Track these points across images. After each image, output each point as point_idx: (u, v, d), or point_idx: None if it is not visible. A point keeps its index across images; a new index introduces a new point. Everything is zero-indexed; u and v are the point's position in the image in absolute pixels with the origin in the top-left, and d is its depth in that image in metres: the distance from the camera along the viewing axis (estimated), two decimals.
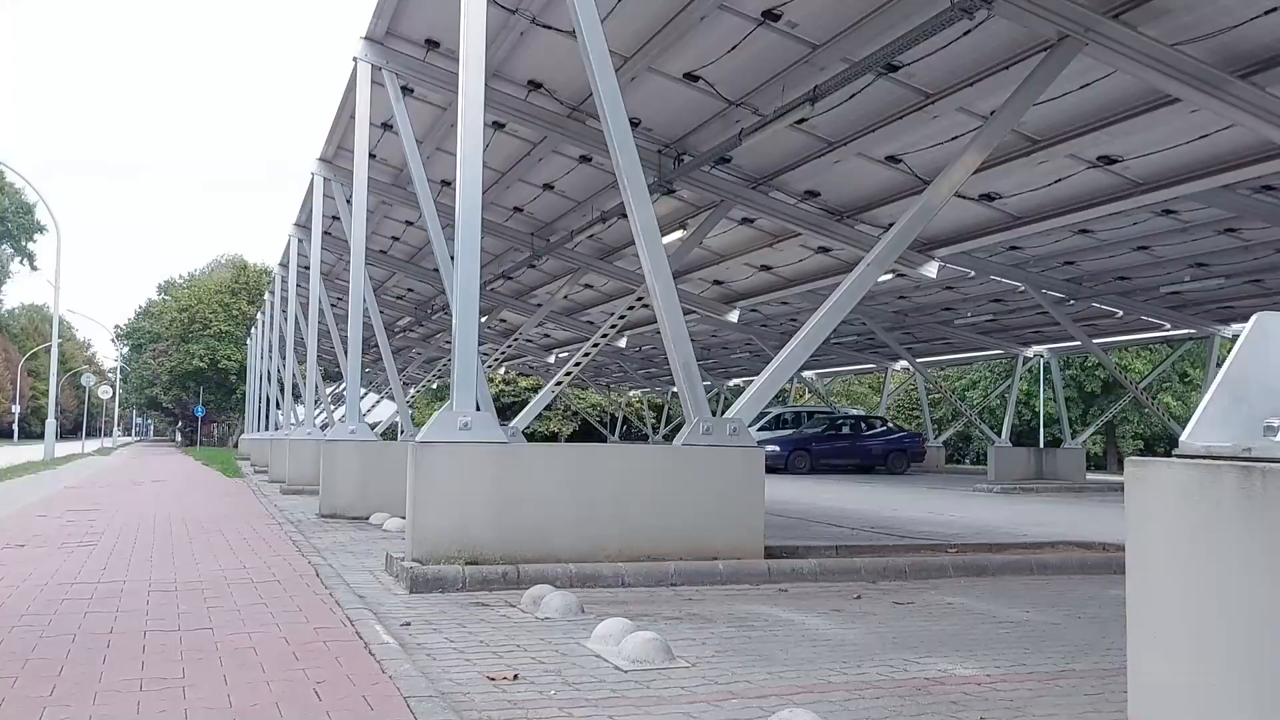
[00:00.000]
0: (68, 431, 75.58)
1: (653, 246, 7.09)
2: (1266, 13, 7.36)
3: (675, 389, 10.15)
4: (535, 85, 10.85)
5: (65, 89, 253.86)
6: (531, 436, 37.87)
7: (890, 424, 31.18)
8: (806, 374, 35.44)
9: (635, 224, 7.10)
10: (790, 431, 28.54)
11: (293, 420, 23.13)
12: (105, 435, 77.56)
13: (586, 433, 55.35)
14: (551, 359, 32.91)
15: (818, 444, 27.57)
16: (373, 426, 14.36)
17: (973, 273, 16.38)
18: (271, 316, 27.89)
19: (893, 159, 11.31)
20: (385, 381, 32.66)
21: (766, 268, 17.34)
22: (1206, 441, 1.86)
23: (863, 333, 25.81)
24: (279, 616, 5.16)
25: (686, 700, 3.69)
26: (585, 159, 12.77)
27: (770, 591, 6.36)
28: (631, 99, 9.57)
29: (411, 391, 33.64)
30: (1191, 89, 7.91)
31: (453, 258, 7.15)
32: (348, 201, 14.05)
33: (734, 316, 19.48)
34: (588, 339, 16.84)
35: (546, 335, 30.37)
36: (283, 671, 3.97)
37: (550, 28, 9.44)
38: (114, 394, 65.41)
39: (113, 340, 74.08)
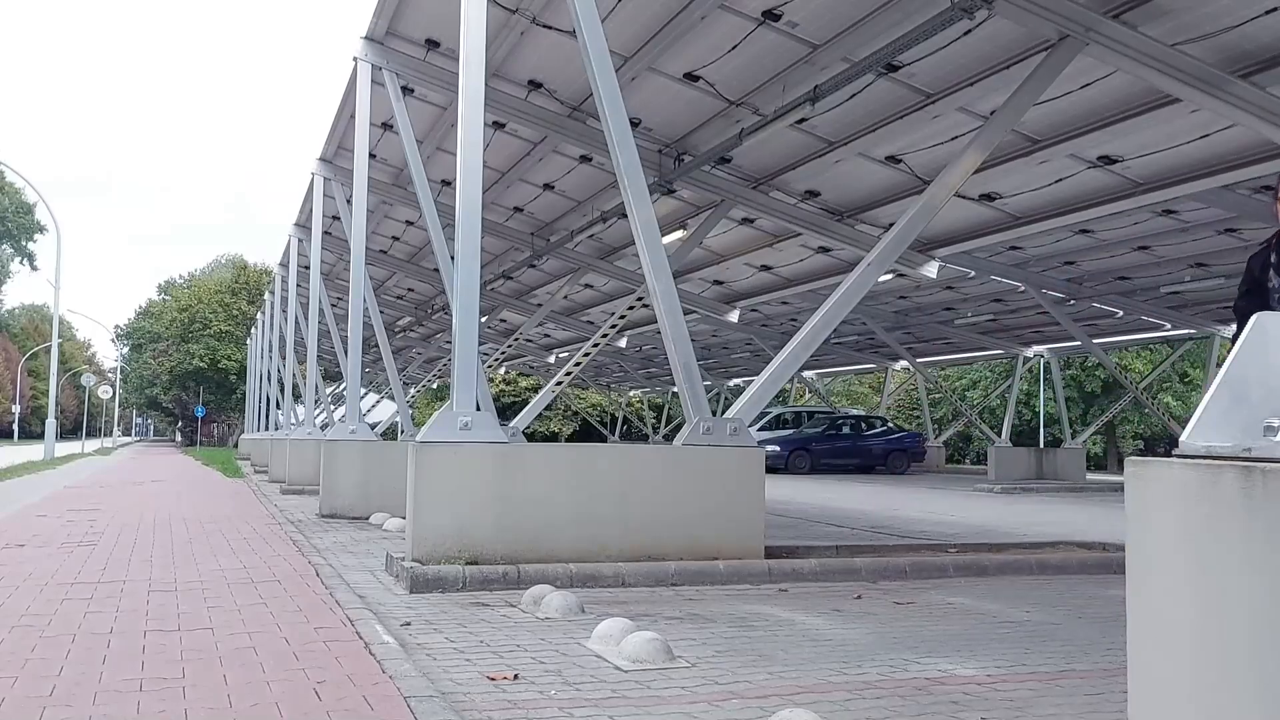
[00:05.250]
0: (68, 431, 75.57)
1: (653, 246, 7.09)
2: (1267, 13, 7.36)
3: (675, 389, 10.14)
4: (535, 85, 10.85)
5: (60, 98, 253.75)
6: (531, 436, 37.85)
7: (890, 424, 31.17)
8: (806, 374, 35.43)
9: (635, 224, 7.10)
10: (790, 431, 28.53)
11: (293, 420, 23.13)
12: (105, 435, 77.53)
13: (586, 433, 55.35)
14: (551, 359, 32.91)
15: (818, 444, 27.56)
16: (373, 426, 14.37)
17: (973, 273, 16.38)
18: (271, 316, 27.89)
19: (893, 159, 11.31)
20: (385, 381, 32.65)
21: (766, 268, 17.34)
22: (1206, 441, 1.85)
23: (863, 333, 25.81)
24: (279, 616, 5.16)
25: (687, 700, 3.69)
26: (585, 159, 12.77)
27: (770, 591, 6.37)
28: (631, 99, 9.56)
29: (412, 391, 33.62)
30: (1192, 89, 7.91)
31: (453, 258, 7.15)
32: (348, 201, 14.05)
33: (734, 316, 19.48)
34: (588, 339, 16.85)
35: (546, 335, 30.37)
36: (283, 671, 3.97)
37: (550, 28, 9.44)
38: (114, 394, 65.40)
39: (113, 340, 74.17)
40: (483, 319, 17.76)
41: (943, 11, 7.66)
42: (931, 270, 13.47)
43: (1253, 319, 1.89)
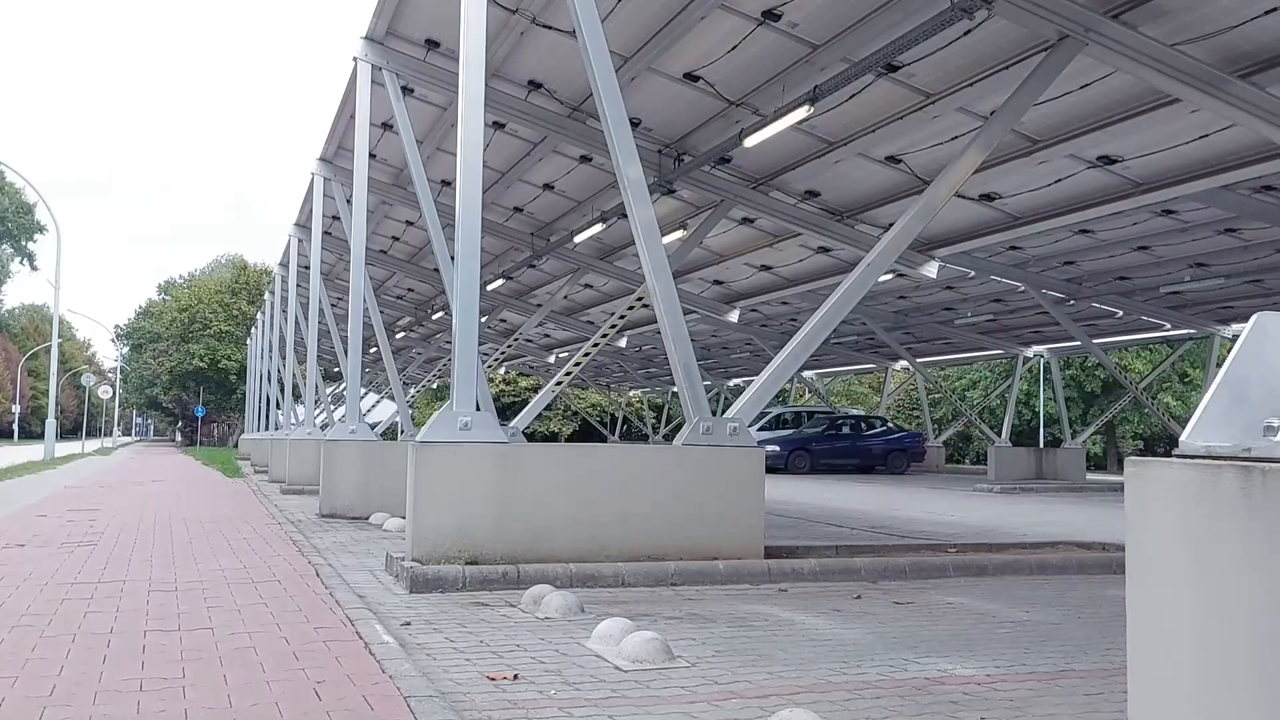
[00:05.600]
0: (68, 431, 75.55)
1: (653, 246, 7.09)
2: (1267, 13, 7.36)
3: (675, 389, 10.14)
4: (535, 85, 10.85)
5: (61, 99, 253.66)
6: (531, 436, 37.85)
7: (890, 424, 31.17)
8: (806, 374, 35.43)
9: (635, 224, 7.10)
10: (790, 431, 28.53)
11: (293, 420, 23.13)
12: (105, 435, 77.49)
13: (586, 433, 55.35)
14: (551, 359, 32.92)
15: (818, 444, 27.56)
16: (373, 426, 14.36)
17: (973, 273, 16.38)
18: (271, 316, 27.89)
19: (893, 159, 11.31)
20: (385, 381, 32.65)
21: (766, 268, 17.35)
22: (1206, 441, 1.85)
23: (863, 333, 25.81)
24: (279, 616, 5.17)
25: (686, 700, 3.69)
26: (585, 159, 12.77)
27: (770, 591, 6.37)
28: (631, 99, 9.57)
29: (411, 391, 33.63)
30: (1191, 89, 7.91)
31: (453, 258, 7.15)
32: (348, 201, 14.06)
33: (734, 316, 19.49)
34: (588, 339, 16.85)
35: (546, 335, 30.37)
36: (283, 671, 3.97)
37: (550, 28, 9.44)
38: (114, 394, 65.37)
39: (113, 340, 74.12)
40: (483, 319, 17.76)
41: (942, 11, 7.66)
42: (931, 270, 13.47)
43: (1253, 319, 1.89)
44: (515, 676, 3.99)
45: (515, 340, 22.07)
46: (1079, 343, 22.21)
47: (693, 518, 6.87)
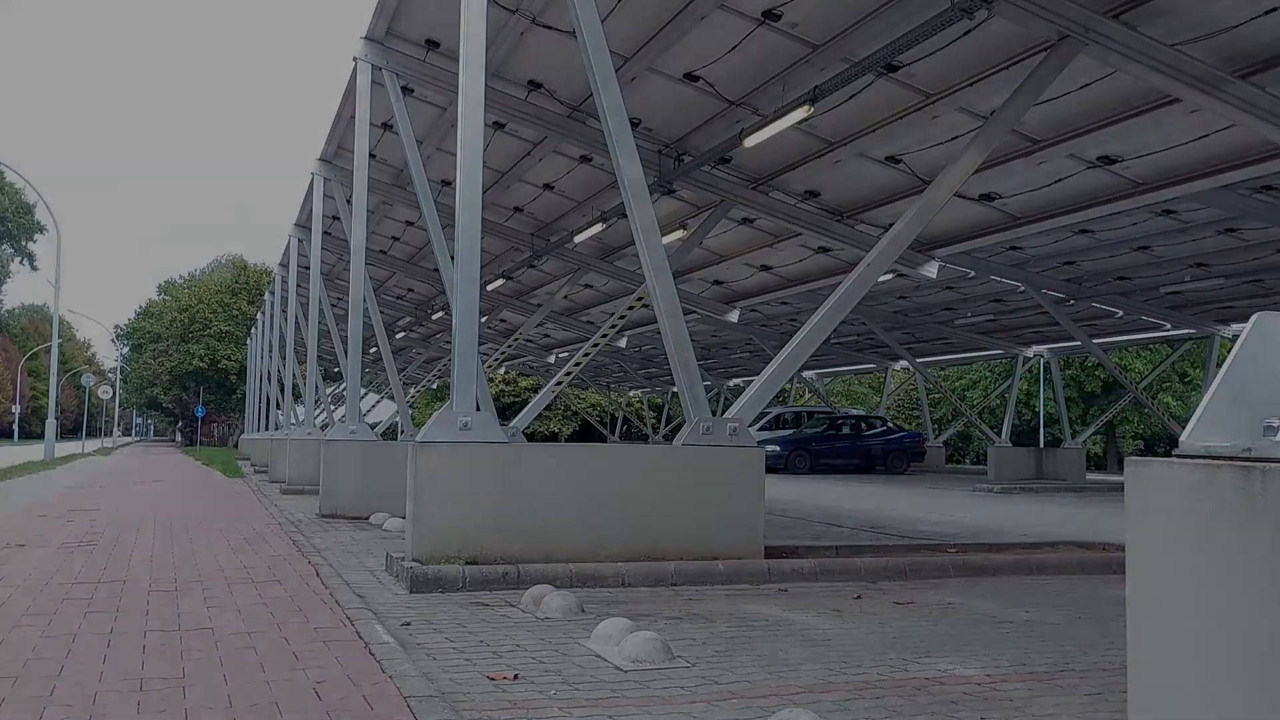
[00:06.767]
0: (68, 431, 75.54)
1: (653, 246, 7.10)
2: (1267, 13, 7.36)
3: (675, 389, 10.14)
4: (535, 85, 10.86)
5: (61, 99, 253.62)
6: (531, 436, 37.85)
7: (890, 424, 31.16)
8: (806, 374, 35.42)
9: (635, 224, 7.11)
10: (790, 431, 28.52)
11: (293, 420, 23.13)
12: (105, 435, 77.49)
13: (586, 433, 55.35)
14: (551, 359, 32.92)
15: (818, 444, 27.55)
16: (373, 426, 14.34)
17: (973, 273, 16.38)
18: (271, 316, 27.89)
19: (893, 159, 11.31)
20: (385, 381, 32.64)
21: (766, 268, 17.35)
22: (1206, 441, 1.86)
23: (863, 333, 25.80)
24: (279, 616, 5.17)
25: (686, 700, 3.69)
26: (585, 159, 12.77)
27: (770, 591, 6.37)
28: (631, 99, 9.56)
29: (411, 391, 33.61)
30: (1191, 89, 7.91)
31: (453, 258, 7.15)
32: (348, 201, 14.06)
33: (734, 316, 19.49)
34: (588, 339, 16.85)
35: (546, 335, 30.37)
36: (283, 671, 3.97)
37: (550, 28, 9.44)
38: (114, 394, 65.34)
39: (113, 340, 74.07)
40: (483, 319, 17.76)
41: (943, 11, 7.67)
42: (931, 270, 13.48)
43: (1253, 319, 1.89)
44: (515, 676, 3.99)
45: (515, 340, 22.06)
46: (1079, 343, 22.20)
47: (693, 518, 6.88)
